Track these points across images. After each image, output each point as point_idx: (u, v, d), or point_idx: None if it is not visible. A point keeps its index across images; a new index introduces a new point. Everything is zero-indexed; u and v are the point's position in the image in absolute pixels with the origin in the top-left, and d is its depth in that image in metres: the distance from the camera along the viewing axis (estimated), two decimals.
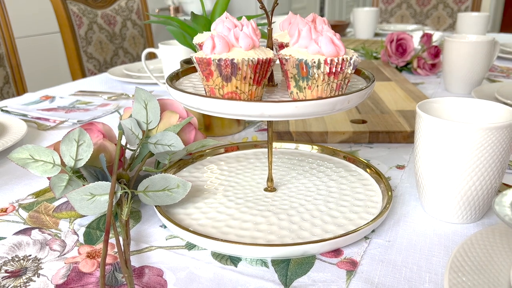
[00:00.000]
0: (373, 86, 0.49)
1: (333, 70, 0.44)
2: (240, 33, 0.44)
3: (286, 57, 0.45)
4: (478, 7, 2.27)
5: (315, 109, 0.44)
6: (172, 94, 0.49)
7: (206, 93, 0.47)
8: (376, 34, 1.97)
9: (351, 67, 0.45)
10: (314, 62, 0.43)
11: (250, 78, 0.44)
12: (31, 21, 2.10)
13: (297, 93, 0.47)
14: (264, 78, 0.46)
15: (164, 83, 1.06)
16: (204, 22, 0.71)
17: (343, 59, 0.44)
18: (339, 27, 1.95)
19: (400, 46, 1.24)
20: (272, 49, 0.51)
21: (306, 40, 0.45)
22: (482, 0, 2.29)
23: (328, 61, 0.43)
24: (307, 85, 0.45)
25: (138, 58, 1.91)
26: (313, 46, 0.44)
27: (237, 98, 0.45)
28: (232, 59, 0.42)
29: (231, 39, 0.44)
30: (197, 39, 0.52)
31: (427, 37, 1.22)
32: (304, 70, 0.44)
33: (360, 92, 0.46)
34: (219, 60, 0.43)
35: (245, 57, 0.43)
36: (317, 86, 0.45)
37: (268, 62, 0.45)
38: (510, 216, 0.35)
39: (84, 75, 1.66)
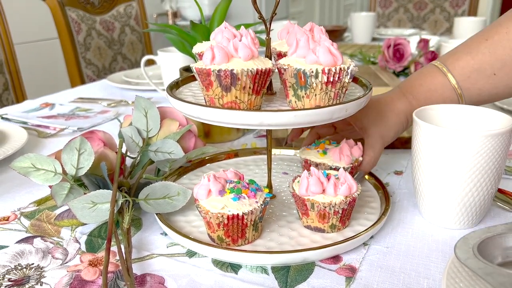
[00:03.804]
0: (370, 95, 0.50)
1: (331, 79, 0.45)
2: (239, 43, 0.45)
3: (284, 67, 0.46)
4: (475, 11, 2.29)
5: (314, 118, 0.45)
6: (172, 104, 0.49)
7: (206, 102, 0.48)
8: (374, 39, 1.98)
9: (348, 76, 0.46)
10: (312, 72, 0.44)
11: (249, 88, 0.45)
12: (30, 27, 2.11)
13: (295, 101, 0.47)
14: (263, 87, 0.47)
15: (163, 90, 1.07)
16: (203, 30, 0.72)
17: (340, 68, 0.45)
18: (337, 32, 1.96)
19: (398, 51, 1.25)
20: (270, 58, 0.52)
21: (304, 50, 0.46)
22: (478, 4, 2.30)
23: (326, 71, 0.44)
24: (305, 94, 0.46)
25: (136, 64, 1.92)
26: (311, 56, 0.45)
27: (237, 107, 0.46)
28: (232, 70, 0.43)
29: (231, 50, 0.45)
30: (196, 49, 0.52)
31: (424, 43, 1.23)
32: (302, 79, 0.45)
33: (357, 101, 0.47)
34: (219, 70, 0.43)
35: (244, 68, 0.44)
36: (315, 95, 0.46)
37: (267, 72, 0.46)
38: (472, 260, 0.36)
39: (83, 81, 1.66)
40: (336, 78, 0.45)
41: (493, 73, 0.56)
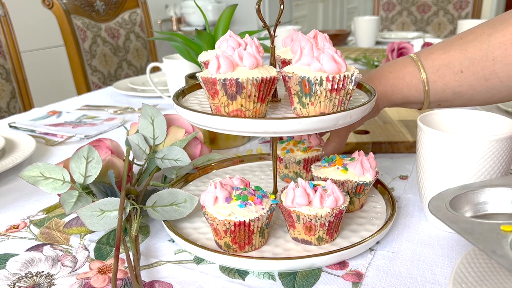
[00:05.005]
0: (375, 101, 0.50)
1: (335, 87, 0.45)
2: (244, 52, 0.45)
3: (289, 75, 0.46)
4: (479, 13, 2.29)
5: (318, 125, 0.45)
6: (179, 112, 0.50)
7: (212, 110, 0.49)
8: (377, 42, 1.99)
9: (352, 83, 0.46)
10: (317, 80, 0.45)
11: (255, 96, 0.45)
12: (36, 35, 2.13)
13: (300, 109, 0.48)
14: (268, 95, 0.47)
15: (169, 97, 1.08)
16: (208, 38, 0.72)
17: (344, 76, 0.45)
18: (340, 36, 1.97)
19: (401, 55, 1.25)
20: (275, 65, 0.52)
21: (308, 58, 0.46)
22: (482, 7, 2.30)
23: (330, 78, 0.45)
24: (310, 101, 0.46)
25: (141, 71, 1.93)
26: (315, 64, 0.45)
27: (242, 115, 0.46)
28: (237, 79, 0.44)
29: (236, 59, 0.45)
30: (202, 57, 0.53)
31: (427, 46, 1.23)
32: (307, 87, 0.46)
33: (361, 107, 0.47)
34: (224, 80, 0.44)
35: (249, 76, 0.44)
36: (320, 102, 0.46)
37: (272, 80, 0.46)
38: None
39: (88, 88, 1.68)
40: (341, 86, 0.45)
41: (460, 70, 0.57)
